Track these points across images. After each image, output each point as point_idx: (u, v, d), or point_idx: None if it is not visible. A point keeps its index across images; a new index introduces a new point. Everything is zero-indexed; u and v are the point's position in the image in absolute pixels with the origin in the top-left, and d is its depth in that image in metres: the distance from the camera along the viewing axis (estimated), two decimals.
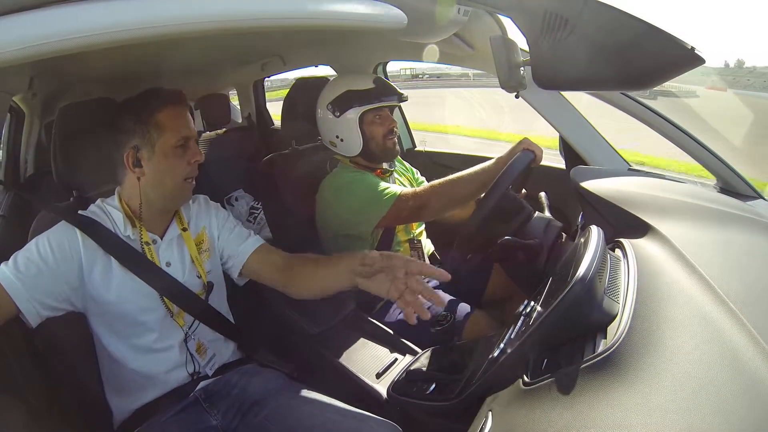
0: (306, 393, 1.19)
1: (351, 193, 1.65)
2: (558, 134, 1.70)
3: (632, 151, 5.46)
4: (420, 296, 0.99)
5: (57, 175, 1.21)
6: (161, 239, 1.21)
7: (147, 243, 1.18)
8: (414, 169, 2.04)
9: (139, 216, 1.18)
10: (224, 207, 1.39)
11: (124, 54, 1.37)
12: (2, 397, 1.05)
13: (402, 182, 1.91)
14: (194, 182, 1.22)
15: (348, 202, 1.65)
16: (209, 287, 1.26)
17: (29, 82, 1.53)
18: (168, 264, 1.20)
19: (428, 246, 1.94)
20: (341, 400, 1.27)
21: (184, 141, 1.16)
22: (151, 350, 1.17)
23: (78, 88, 2.56)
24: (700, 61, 0.81)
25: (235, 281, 1.35)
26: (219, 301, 1.31)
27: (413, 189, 1.64)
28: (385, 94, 1.74)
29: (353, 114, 1.71)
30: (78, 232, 1.11)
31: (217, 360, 1.27)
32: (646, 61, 0.85)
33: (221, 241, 1.32)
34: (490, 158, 1.52)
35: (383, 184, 1.66)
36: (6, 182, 2.46)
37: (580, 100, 1.70)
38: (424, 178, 2.02)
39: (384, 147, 1.76)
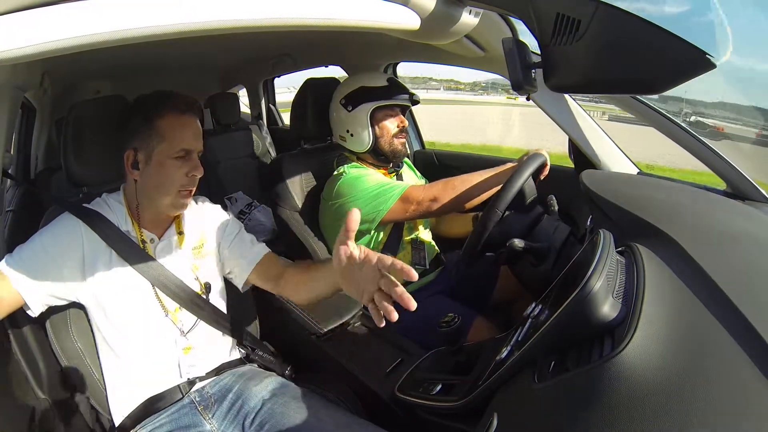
0: (302, 399, 1.16)
1: (356, 188, 1.65)
2: (567, 137, 1.70)
3: None
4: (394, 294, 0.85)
5: (67, 171, 1.22)
6: (159, 239, 1.21)
7: (144, 241, 1.18)
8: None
9: (137, 215, 1.18)
10: (224, 207, 1.38)
11: (134, 52, 1.38)
12: (5, 392, 1.06)
13: None
14: (191, 193, 1.18)
15: (353, 198, 1.65)
16: (207, 288, 1.25)
17: (41, 79, 1.54)
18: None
19: (432, 249, 1.93)
20: (347, 401, 1.28)
21: (184, 153, 1.13)
22: (146, 348, 1.16)
23: (88, 85, 2.59)
24: (711, 66, 0.80)
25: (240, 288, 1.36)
26: (217, 300, 1.30)
27: (424, 184, 1.64)
28: (397, 92, 1.75)
29: (365, 109, 1.73)
30: (82, 224, 1.12)
31: (212, 361, 1.26)
32: (657, 65, 0.85)
33: (222, 253, 1.31)
34: (499, 158, 1.52)
35: (390, 180, 1.66)
36: (17, 177, 2.48)
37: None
38: None
39: (392, 145, 1.77)
